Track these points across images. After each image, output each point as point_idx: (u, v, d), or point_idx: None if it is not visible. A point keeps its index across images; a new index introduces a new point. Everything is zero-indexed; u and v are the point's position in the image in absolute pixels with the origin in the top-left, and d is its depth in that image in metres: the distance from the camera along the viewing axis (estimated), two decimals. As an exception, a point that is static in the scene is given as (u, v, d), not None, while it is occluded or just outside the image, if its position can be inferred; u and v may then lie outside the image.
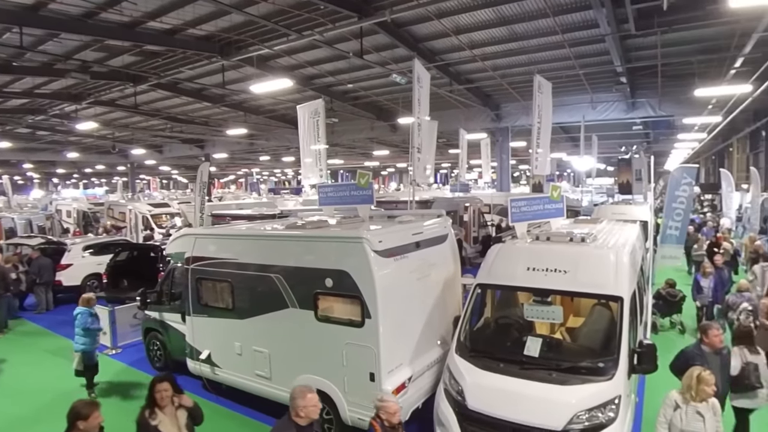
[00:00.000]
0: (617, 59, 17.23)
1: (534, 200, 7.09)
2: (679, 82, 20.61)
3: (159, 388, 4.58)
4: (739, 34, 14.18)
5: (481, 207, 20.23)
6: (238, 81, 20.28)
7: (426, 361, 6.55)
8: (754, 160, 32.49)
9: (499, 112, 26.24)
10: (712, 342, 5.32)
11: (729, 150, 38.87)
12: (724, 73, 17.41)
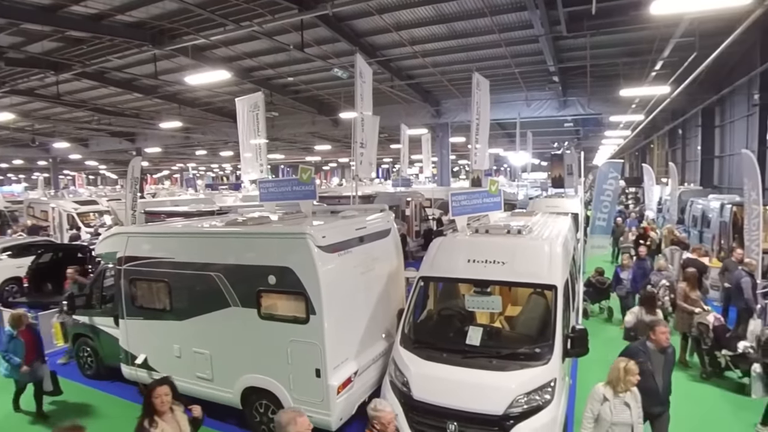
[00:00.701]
0: (550, 59, 18.03)
1: (473, 194, 7.30)
2: (606, 83, 21.87)
3: (158, 393, 4.19)
4: (659, 39, 15.22)
5: (422, 201, 20.56)
6: (172, 71, 19.40)
7: (371, 354, 6.60)
8: (672, 155, 35.10)
9: (440, 108, 26.74)
10: (658, 339, 5.18)
11: (650, 146, 41.75)
12: (646, 75, 18.65)
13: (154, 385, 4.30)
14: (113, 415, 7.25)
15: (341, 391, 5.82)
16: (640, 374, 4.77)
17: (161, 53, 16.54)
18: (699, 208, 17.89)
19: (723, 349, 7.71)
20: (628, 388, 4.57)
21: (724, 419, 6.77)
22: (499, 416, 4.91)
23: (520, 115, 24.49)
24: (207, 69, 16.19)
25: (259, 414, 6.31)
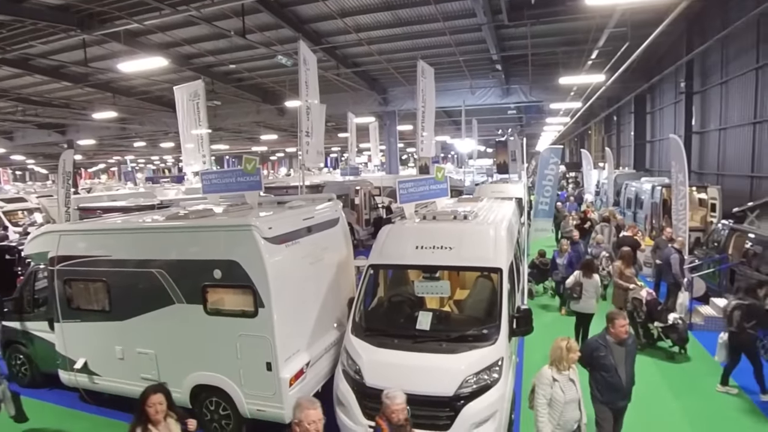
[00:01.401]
0: (493, 48, 18.41)
1: (420, 182, 7.38)
2: (546, 71, 22.59)
3: (153, 401, 3.90)
4: (594, 29, 15.86)
5: (371, 190, 20.58)
6: (104, 58, 18.30)
7: (323, 344, 6.58)
8: (608, 141, 36.85)
9: (386, 96, 26.76)
10: (617, 332, 5.04)
11: (588, 132, 43.60)
12: (583, 64, 19.40)
13: (148, 392, 3.99)
14: (53, 424, 6.87)
15: (294, 383, 5.78)
16: (604, 369, 4.95)
17: (91, 39, 15.55)
18: (633, 191, 18.94)
19: (655, 322, 8.24)
20: (571, 365, 4.74)
21: (660, 385, 7.26)
22: (450, 397, 5.03)
23: (465, 102, 24.89)
24: (142, 56, 15.41)
25: (210, 412, 6.17)
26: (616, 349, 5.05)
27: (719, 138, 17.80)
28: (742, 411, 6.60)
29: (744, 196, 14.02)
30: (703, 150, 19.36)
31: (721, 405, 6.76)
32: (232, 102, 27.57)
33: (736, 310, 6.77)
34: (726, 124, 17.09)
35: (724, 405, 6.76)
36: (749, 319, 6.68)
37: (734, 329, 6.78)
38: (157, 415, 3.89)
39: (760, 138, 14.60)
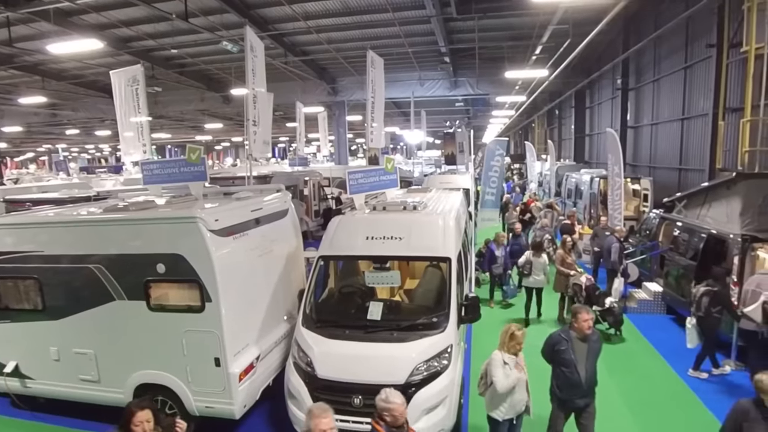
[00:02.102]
0: (441, 40, 18.60)
1: (370, 172, 7.38)
2: (492, 65, 23.09)
3: (139, 419, 3.48)
4: (538, 25, 16.35)
5: (320, 180, 20.41)
6: (32, 39, 17.01)
7: (273, 337, 6.50)
8: (550, 134, 38.27)
9: (336, 86, 26.51)
10: (580, 327, 4.95)
11: (532, 125, 45.08)
12: (527, 59, 19.99)
13: (133, 409, 3.56)
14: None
15: (243, 378, 5.68)
16: (564, 365, 4.97)
17: (16, 17, 14.40)
18: (573, 182, 19.80)
19: (593, 306, 8.69)
20: (516, 351, 4.88)
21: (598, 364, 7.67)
22: (401, 385, 5.08)
23: (414, 94, 25.09)
24: (75, 37, 14.43)
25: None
26: (578, 344, 4.96)
27: (651, 132, 18.90)
28: (672, 387, 7.10)
29: (673, 186, 14.99)
30: (637, 144, 20.50)
31: (653, 382, 7.24)
32: (174, 89, 26.43)
33: (705, 296, 7.13)
34: (657, 119, 18.16)
35: (655, 382, 7.24)
36: (715, 304, 7.08)
37: (701, 314, 7.14)
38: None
39: (687, 133, 15.63)
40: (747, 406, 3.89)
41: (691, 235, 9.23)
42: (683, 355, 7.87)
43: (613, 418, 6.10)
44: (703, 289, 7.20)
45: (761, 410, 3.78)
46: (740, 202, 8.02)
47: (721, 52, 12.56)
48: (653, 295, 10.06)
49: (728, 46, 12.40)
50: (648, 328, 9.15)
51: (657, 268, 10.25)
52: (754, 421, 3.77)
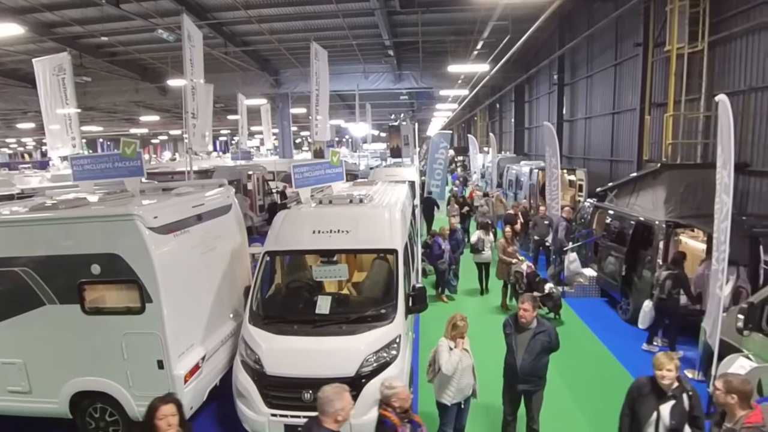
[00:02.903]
0: (386, 33, 18.66)
1: (315, 166, 7.33)
2: (436, 59, 23.42)
3: (164, 412, 3.34)
4: (480, 20, 16.71)
5: (265, 174, 20.00)
6: (-62, 23, 15.52)
7: (219, 336, 6.35)
8: (491, 127, 39.33)
9: (279, 78, 26.01)
10: (520, 314, 5.08)
11: (474, 119, 46.19)
12: (469, 53, 20.41)
13: (156, 404, 3.42)
14: None
15: (189, 379, 5.51)
16: (507, 348, 5.16)
17: None
18: (513, 173, 20.50)
19: (534, 292, 9.09)
20: (457, 337, 4.99)
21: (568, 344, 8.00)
22: (351, 377, 5.13)
23: (358, 86, 25.04)
24: (-11, 22, 13.30)
25: (95, 420, 5.67)
26: (520, 331, 5.08)
27: (585, 126, 19.85)
28: (606, 363, 7.60)
29: (605, 177, 15.85)
30: (573, 136, 21.48)
31: (588, 359, 7.71)
32: (105, 79, 24.99)
33: (668, 279, 7.52)
34: (591, 113, 19.10)
35: (590, 360, 7.72)
36: (676, 286, 7.51)
37: (664, 296, 7.52)
38: (170, 429, 3.37)
39: (618, 127, 16.55)
40: (643, 381, 4.06)
41: (621, 222, 9.81)
42: (616, 333, 8.48)
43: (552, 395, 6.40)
44: (665, 273, 7.60)
45: (653, 386, 3.95)
46: (664, 190, 8.60)
47: (647, 50, 13.38)
48: (588, 279, 10.65)
49: (653, 46, 13.22)
50: (584, 311, 9.66)
51: (591, 255, 10.84)
52: (646, 396, 3.96)
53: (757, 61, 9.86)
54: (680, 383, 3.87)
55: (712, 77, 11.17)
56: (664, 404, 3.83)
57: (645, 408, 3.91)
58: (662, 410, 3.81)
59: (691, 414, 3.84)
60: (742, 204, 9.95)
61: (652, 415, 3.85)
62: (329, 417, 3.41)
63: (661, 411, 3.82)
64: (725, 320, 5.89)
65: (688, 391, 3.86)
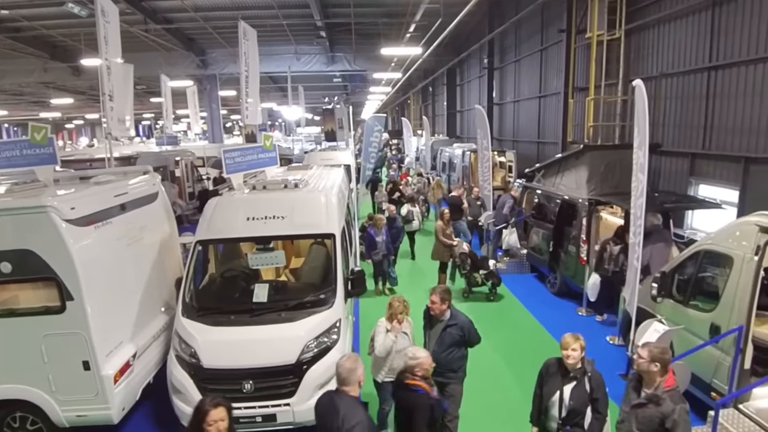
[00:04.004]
0: (317, 13, 18.23)
1: (247, 150, 7.08)
2: (369, 41, 23.26)
3: (213, 418, 3.09)
4: (412, 3, 16.72)
5: (193, 160, 19.15)
6: None
7: (151, 332, 6.05)
8: (425, 110, 39.84)
9: (205, 58, 24.82)
10: (430, 307, 4.95)
11: (408, 102, 46.53)
12: (402, 36, 20.44)
13: (207, 407, 3.17)
14: None
15: (119, 378, 5.22)
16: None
17: None
18: (447, 155, 20.94)
19: (480, 270, 9.42)
20: (395, 319, 4.99)
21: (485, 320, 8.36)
22: (292, 364, 5.08)
23: (290, 68, 24.43)
24: None
25: (14, 430, 5.24)
26: (432, 323, 5.01)
27: (514, 109, 20.58)
28: (536, 334, 8.04)
29: (533, 158, 16.57)
30: (502, 119, 22.21)
31: (521, 332, 8.16)
32: (7, 57, 22.72)
33: (622, 253, 7.84)
34: (519, 97, 19.81)
35: (522, 332, 8.16)
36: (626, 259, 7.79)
37: (617, 269, 7.81)
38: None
39: (544, 110, 17.29)
40: (552, 361, 4.08)
41: (548, 201, 10.31)
42: (545, 306, 9.07)
43: (488, 367, 6.70)
44: (618, 248, 7.94)
45: (560, 366, 3.97)
46: (587, 170, 9.11)
47: (570, 37, 14.01)
48: (519, 256, 11.15)
49: (575, 32, 13.85)
50: (516, 286, 10.12)
51: (522, 232, 11.33)
52: (552, 376, 3.99)
53: (667, 48, 10.61)
54: (583, 365, 3.89)
55: (629, 63, 11.91)
56: (567, 385, 3.87)
57: (550, 387, 3.96)
58: (565, 390, 3.86)
59: (592, 396, 3.85)
60: (654, 182, 10.77)
61: (555, 394, 3.90)
62: (353, 385, 3.46)
63: (564, 391, 3.87)
64: (641, 289, 6.38)
65: (588, 374, 3.88)
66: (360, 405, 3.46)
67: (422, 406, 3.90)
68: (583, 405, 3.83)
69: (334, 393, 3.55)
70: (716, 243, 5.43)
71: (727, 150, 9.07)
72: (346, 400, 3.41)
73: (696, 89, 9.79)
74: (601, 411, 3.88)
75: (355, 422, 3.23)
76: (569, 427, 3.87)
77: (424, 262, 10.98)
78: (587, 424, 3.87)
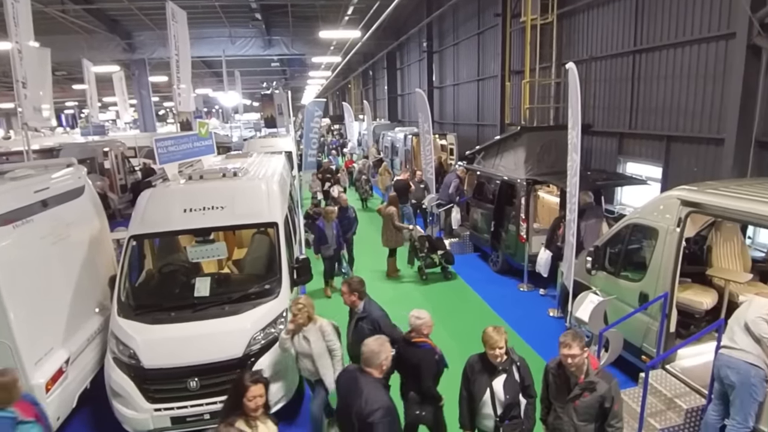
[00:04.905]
0: (250, -6, 17.57)
1: (182, 139, 6.77)
2: (306, 24, 22.74)
3: (253, 393, 3.20)
4: (349, -16, 16.46)
5: (124, 151, 18.11)
6: None
7: (85, 334, 5.70)
8: (366, 94, 39.65)
9: (132, 42, 23.40)
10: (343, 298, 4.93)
11: (348, 86, 46.11)
12: (340, 19, 20.11)
13: (247, 383, 3.24)
14: None
15: (52, 387, 4.89)
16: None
17: None
18: (389, 139, 21.00)
19: (438, 251, 9.64)
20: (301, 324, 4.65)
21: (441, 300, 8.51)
22: (239, 358, 4.96)
23: (225, 52, 23.51)
24: None
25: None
26: (351, 314, 4.96)
27: (454, 92, 20.87)
28: (481, 311, 8.27)
29: (473, 140, 16.92)
30: (443, 102, 22.49)
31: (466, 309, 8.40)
32: None
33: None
34: (458, 80, 20.08)
35: (467, 309, 8.41)
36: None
37: (560, 244, 7.90)
38: (256, 412, 3.25)
39: (482, 93, 17.64)
40: (474, 359, 3.93)
41: (488, 182, 10.57)
42: (488, 284, 9.43)
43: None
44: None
45: (484, 363, 3.83)
46: (524, 151, 9.39)
47: (505, 21, 14.30)
48: (462, 237, 11.41)
49: (511, 16, 14.16)
50: (460, 266, 10.33)
51: (464, 213, 11.58)
52: (477, 374, 3.84)
53: (596, 33, 11.07)
54: (509, 356, 3.80)
55: (561, 47, 12.33)
56: (496, 379, 3.75)
57: (478, 386, 3.80)
58: (495, 386, 3.74)
59: (523, 384, 3.79)
60: (586, 161, 11.29)
61: (485, 392, 3.76)
62: (375, 368, 3.48)
63: (494, 387, 3.74)
64: (577, 263, 6.70)
65: (516, 362, 3.81)
66: (383, 389, 3.52)
67: (428, 360, 4.19)
68: (517, 395, 3.78)
69: (359, 371, 3.55)
70: (643, 217, 5.76)
71: (651, 129, 9.63)
72: (370, 382, 3.44)
73: (622, 72, 10.29)
74: (533, 394, 3.87)
75: (377, 406, 3.27)
76: (508, 421, 3.78)
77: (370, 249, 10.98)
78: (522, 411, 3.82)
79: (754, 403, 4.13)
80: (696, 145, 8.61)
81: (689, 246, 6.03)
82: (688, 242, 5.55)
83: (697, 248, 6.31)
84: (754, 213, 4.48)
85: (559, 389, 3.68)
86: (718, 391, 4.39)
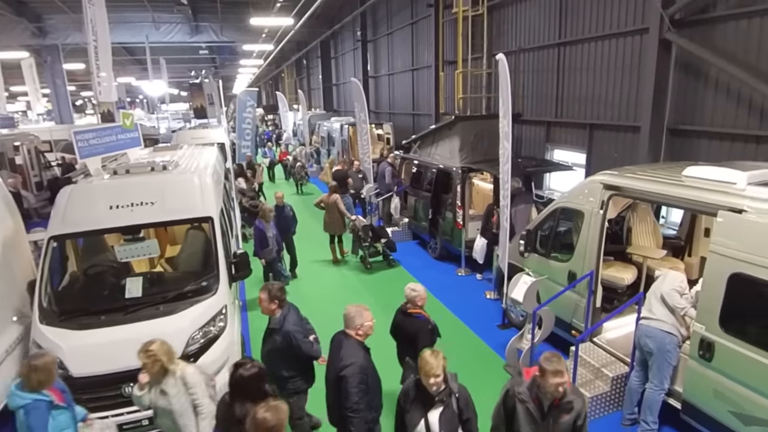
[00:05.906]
0: (173, -22, 16.68)
1: (104, 131, 6.36)
2: (237, 10, 21.93)
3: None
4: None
5: (38, 145, 16.71)
6: None
7: (2, 346, 5.25)
8: (300, 84, 38.97)
9: (42, 26, 21.55)
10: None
11: (282, 75, 45.07)
12: (272, 6, 19.55)
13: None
14: None
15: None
16: None
17: None
18: (325, 130, 20.78)
19: (381, 239, 9.80)
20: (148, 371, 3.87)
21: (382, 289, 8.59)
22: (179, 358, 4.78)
23: (148, 38, 22.23)
24: None
25: None
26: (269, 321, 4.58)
27: (389, 82, 20.96)
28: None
29: (409, 130, 17.11)
30: (378, 92, 22.54)
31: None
32: None
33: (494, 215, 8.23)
34: (393, 70, 20.19)
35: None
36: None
37: (495, 230, 8.08)
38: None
39: (417, 82, 17.84)
40: (409, 387, 3.51)
41: (425, 171, 10.75)
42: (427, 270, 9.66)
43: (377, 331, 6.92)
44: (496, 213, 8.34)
45: (419, 391, 3.39)
46: (459, 140, 9.64)
47: (438, 12, 14.51)
48: (401, 225, 11.57)
49: (443, 7, 14.37)
50: (399, 254, 10.47)
51: (402, 202, 11.73)
52: (412, 403, 3.42)
53: (524, 25, 11.49)
54: (447, 385, 3.35)
55: (492, 38, 12.69)
56: (432, 411, 3.33)
57: (412, 416, 3.37)
58: (430, 418, 3.32)
59: (462, 418, 3.38)
60: (517, 148, 11.76)
61: (420, 423, 3.33)
62: (352, 330, 3.84)
63: (429, 419, 3.32)
64: (511, 247, 7.00)
65: (455, 393, 3.38)
66: (361, 349, 3.81)
67: (423, 330, 4.61)
68: (454, 430, 3.36)
69: (343, 334, 3.89)
70: (569, 201, 6.10)
71: (575, 118, 10.17)
72: (350, 342, 3.80)
73: (549, 63, 10.77)
74: (473, 430, 3.46)
75: (350, 362, 3.62)
76: None
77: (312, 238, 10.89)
78: None
79: (669, 368, 4.54)
80: (615, 132, 9.19)
81: (611, 227, 6.47)
82: (610, 223, 5.95)
83: (617, 228, 6.79)
84: (665, 194, 4.88)
85: (533, 417, 3.34)
86: (639, 358, 4.79)
